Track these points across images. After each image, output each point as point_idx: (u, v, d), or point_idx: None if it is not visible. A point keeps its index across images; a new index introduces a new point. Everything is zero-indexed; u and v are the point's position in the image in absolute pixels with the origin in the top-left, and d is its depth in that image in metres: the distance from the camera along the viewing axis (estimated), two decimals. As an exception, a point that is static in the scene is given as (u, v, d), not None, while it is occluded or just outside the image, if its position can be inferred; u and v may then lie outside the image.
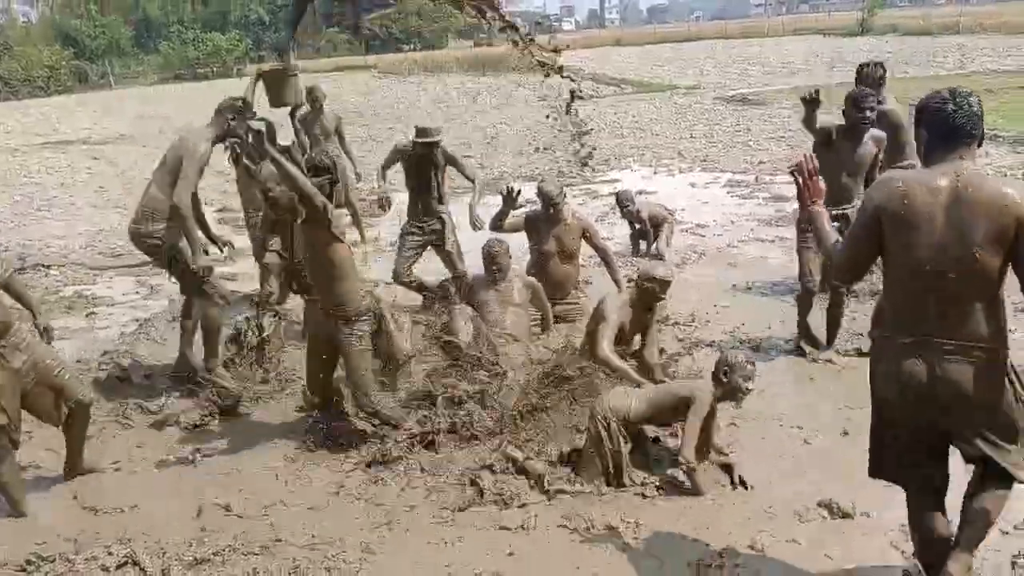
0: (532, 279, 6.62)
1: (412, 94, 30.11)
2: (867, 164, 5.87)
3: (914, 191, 3.00)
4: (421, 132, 7.00)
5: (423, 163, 7.04)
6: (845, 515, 4.06)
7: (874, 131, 5.91)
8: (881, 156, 5.99)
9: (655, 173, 13.45)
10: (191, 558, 4.04)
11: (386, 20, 61.70)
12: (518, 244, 6.98)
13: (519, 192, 6.73)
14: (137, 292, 8.76)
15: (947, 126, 3.07)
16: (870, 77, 6.85)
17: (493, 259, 6.37)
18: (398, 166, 7.35)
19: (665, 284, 5.32)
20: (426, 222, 7.18)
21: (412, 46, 60.65)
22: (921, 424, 3.15)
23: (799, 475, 4.49)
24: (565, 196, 6.87)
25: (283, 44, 7.85)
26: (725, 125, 17.54)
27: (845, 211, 5.76)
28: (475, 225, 6.98)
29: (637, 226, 8.94)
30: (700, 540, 3.96)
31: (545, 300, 6.63)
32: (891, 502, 4.11)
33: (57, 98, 39.32)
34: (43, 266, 9.64)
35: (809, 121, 5.82)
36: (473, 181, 7.23)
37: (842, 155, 5.83)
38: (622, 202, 8.94)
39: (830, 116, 6.18)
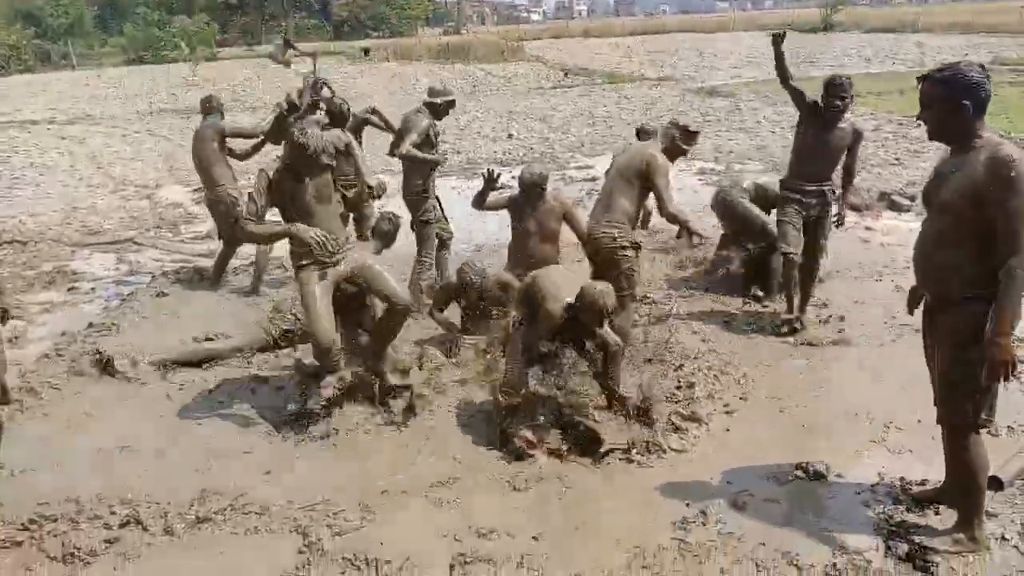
0: (564, 198, 6.89)
1: (383, 82, 29.97)
2: (843, 149, 6.16)
3: None
4: (441, 92, 7.15)
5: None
6: (820, 476, 4.28)
7: (855, 121, 6.20)
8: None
9: (628, 161, 13.64)
10: (193, 517, 4.17)
11: (355, 7, 61.42)
12: (502, 222, 7.14)
13: (499, 175, 6.87)
14: (117, 268, 8.77)
15: (988, 96, 3.32)
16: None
17: (535, 185, 6.58)
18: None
19: (694, 135, 5.71)
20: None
21: (381, 33, 60.26)
22: None
23: (776, 440, 4.72)
24: (546, 179, 7.01)
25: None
26: (694, 116, 17.77)
27: (823, 188, 6.21)
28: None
29: None
30: (684, 499, 4.16)
31: (579, 219, 6.81)
32: (861, 465, 4.39)
33: (18, 77, 38.57)
34: (19, 242, 9.59)
35: (780, 60, 6.09)
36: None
37: (820, 137, 6.12)
38: None
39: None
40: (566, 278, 5.06)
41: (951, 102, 3.33)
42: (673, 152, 5.70)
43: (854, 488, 4.19)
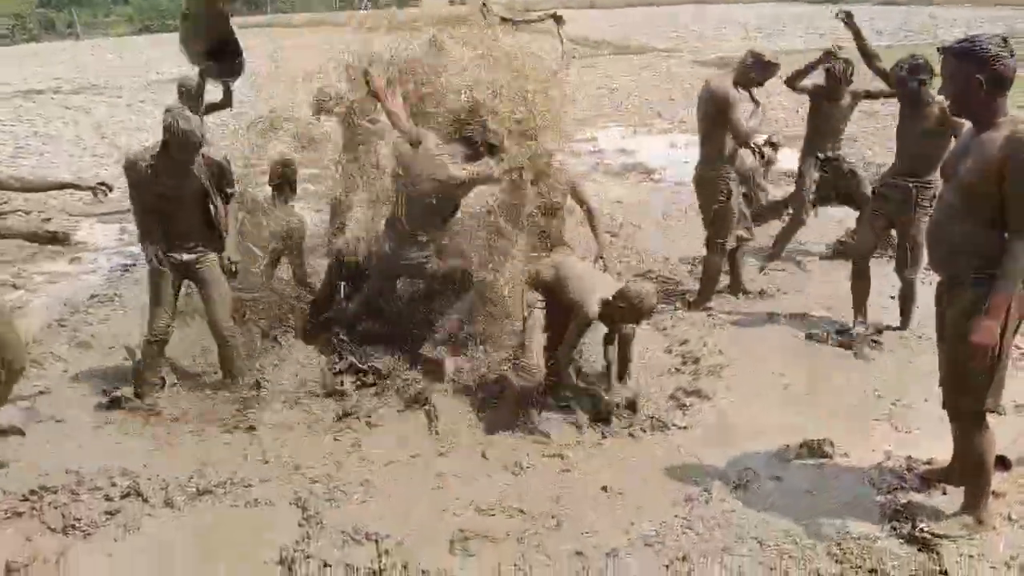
0: (570, 173, 6.83)
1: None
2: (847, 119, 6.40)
3: None
4: None
5: None
6: (825, 455, 4.24)
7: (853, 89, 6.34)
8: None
9: (635, 133, 13.53)
10: (193, 489, 4.16)
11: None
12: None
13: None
14: (120, 238, 8.73)
15: (1008, 71, 3.24)
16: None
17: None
18: None
19: (770, 65, 5.77)
20: None
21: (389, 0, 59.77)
22: None
23: (780, 418, 4.68)
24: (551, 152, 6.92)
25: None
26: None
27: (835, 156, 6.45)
28: None
29: None
30: (688, 477, 4.13)
31: (586, 193, 6.76)
32: (865, 444, 4.35)
33: (24, 47, 38.36)
34: (23, 212, 9.55)
35: (859, 38, 6.01)
36: None
37: (833, 110, 6.30)
38: None
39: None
40: (589, 271, 4.96)
41: (966, 76, 3.25)
42: (746, 83, 5.82)
43: (859, 467, 4.15)
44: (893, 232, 5.84)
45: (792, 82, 6.53)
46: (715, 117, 5.75)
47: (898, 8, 38.52)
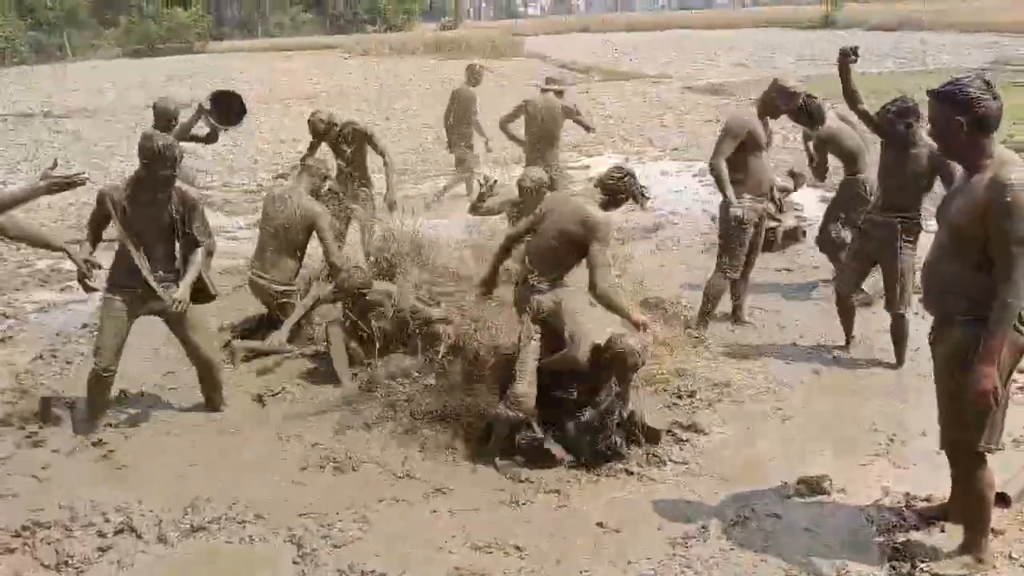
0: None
1: (386, 76, 29.90)
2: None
3: None
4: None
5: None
6: (823, 491, 4.23)
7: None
8: None
9: (627, 160, 13.58)
10: (187, 526, 4.12)
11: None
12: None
13: (495, 181, 6.85)
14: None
15: (990, 113, 3.25)
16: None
17: (534, 190, 6.59)
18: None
19: (792, 95, 5.94)
20: None
21: (378, 27, 60.01)
22: None
23: (777, 452, 4.68)
24: (545, 184, 6.94)
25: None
26: (695, 114, 17.72)
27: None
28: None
29: None
30: (684, 514, 4.11)
31: None
32: (863, 479, 4.34)
33: (14, 69, 38.39)
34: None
35: (845, 79, 5.60)
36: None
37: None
38: None
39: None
40: (590, 311, 4.82)
41: (947, 119, 3.28)
42: (772, 113, 6.06)
43: (857, 504, 4.13)
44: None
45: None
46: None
47: (889, 35, 39.00)
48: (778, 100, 5.96)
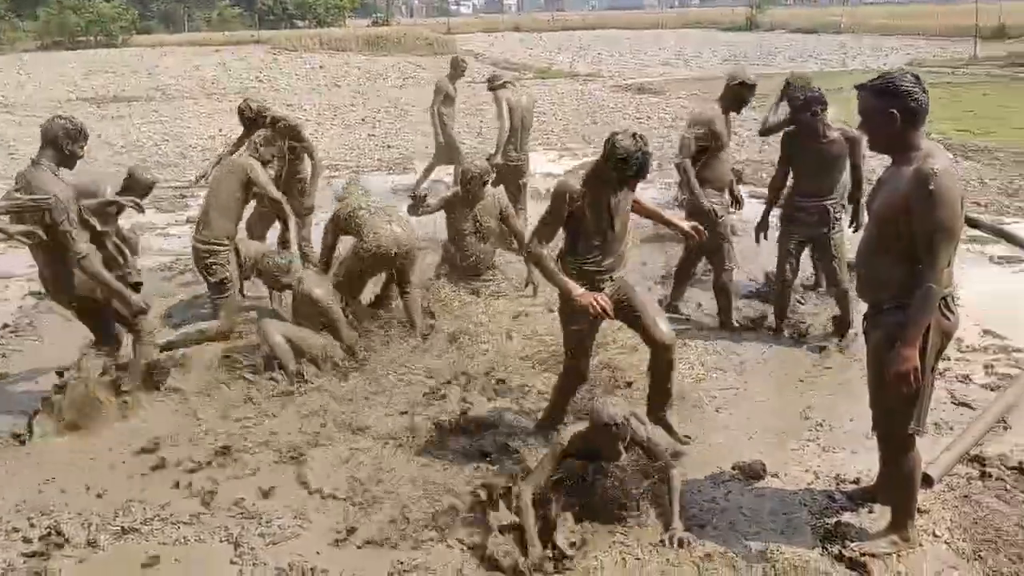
0: (501, 196, 7.04)
1: (316, 73, 29.50)
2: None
3: None
4: None
5: None
6: (756, 476, 4.32)
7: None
8: None
9: (560, 157, 13.68)
10: (118, 528, 4.01)
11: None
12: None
13: (424, 195, 6.94)
14: (32, 265, 8.38)
15: (920, 106, 3.34)
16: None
17: (479, 178, 6.70)
18: None
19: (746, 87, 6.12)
20: None
21: (307, 23, 59.24)
22: None
23: (711, 440, 4.75)
24: (486, 176, 6.96)
25: None
26: (626, 112, 17.93)
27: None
28: None
29: None
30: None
31: (515, 217, 7.02)
32: (796, 465, 4.45)
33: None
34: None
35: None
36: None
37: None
38: None
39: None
40: None
41: (881, 112, 3.38)
42: (736, 107, 6.21)
43: (791, 488, 4.23)
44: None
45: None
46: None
47: (809, 36, 40.07)
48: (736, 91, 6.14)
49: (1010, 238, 8.11)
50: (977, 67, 24.85)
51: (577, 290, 4.20)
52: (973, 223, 7.70)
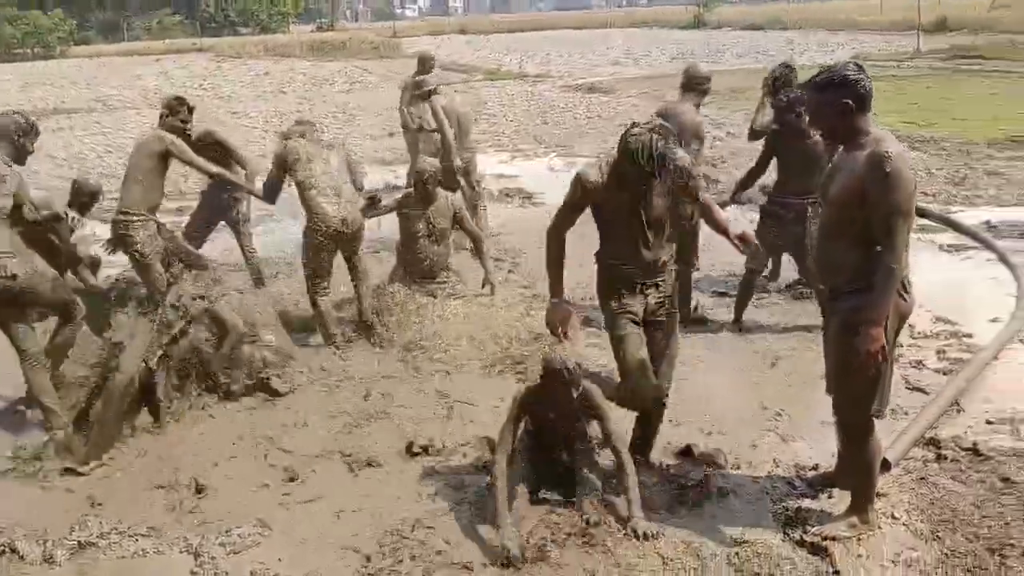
0: (455, 198, 7.03)
1: (261, 79, 29.16)
2: None
3: None
4: None
5: None
6: (717, 465, 4.35)
7: None
8: None
9: (513, 158, 13.71)
10: (74, 542, 3.92)
11: (222, 1, 59.37)
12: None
13: (380, 199, 6.88)
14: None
15: (868, 92, 3.41)
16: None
17: (432, 177, 6.69)
18: None
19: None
20: None
21: (251, 29, 58.57)
22: None
23: (671, 433, 4.72)
24: (438, 176, 6.95)
25: None
26: (577, 112, 18.00)
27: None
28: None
29: None
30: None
31: (468, 219, 7.04)
32: (756, 454, 4.51)
33: None
34: None
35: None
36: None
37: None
38: None
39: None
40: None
41: (833, 104, 3.43)
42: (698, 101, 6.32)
43: (752, 476, 4.28)
44: None
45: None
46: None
47: (755, 33, 40.65)
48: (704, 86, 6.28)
49: (957, 227, 8.31)
50: (920, 60, 25.38)
51: (553, 297, 4.23)
52: (921, 212, 7.87)
